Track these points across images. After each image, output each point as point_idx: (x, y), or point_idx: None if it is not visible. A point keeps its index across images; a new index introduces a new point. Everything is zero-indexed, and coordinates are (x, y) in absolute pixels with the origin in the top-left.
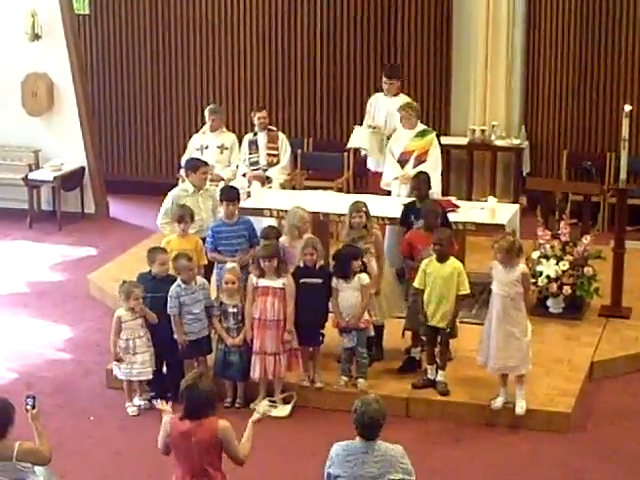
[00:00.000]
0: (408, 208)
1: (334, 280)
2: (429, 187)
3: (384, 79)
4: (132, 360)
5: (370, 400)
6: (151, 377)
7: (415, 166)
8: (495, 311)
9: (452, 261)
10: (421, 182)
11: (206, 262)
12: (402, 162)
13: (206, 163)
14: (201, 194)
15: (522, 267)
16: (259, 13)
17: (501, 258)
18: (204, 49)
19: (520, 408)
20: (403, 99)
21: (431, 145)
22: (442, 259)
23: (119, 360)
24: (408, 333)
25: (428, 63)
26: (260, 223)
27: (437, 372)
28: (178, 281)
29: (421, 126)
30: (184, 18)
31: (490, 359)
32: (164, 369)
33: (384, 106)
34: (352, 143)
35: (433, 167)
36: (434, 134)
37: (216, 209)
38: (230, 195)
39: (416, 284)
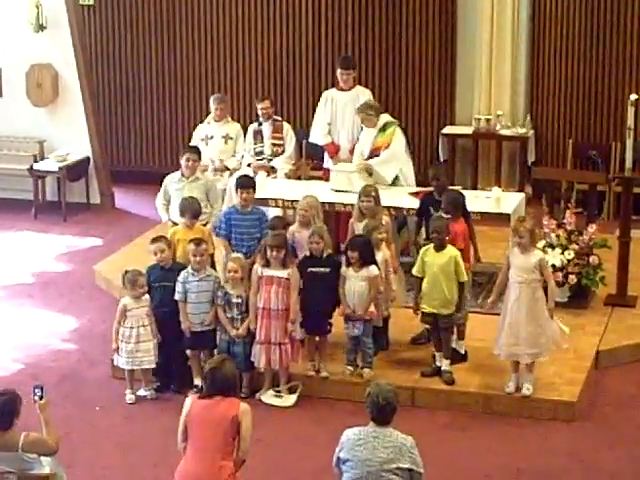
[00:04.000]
0: (426, 199)
1: (343, 268)
2: (447, 178)
3: (340, 71)
4: (136, 348)
5: (384, 384)
6: (154, 366)
7: None
8: (513, 298)
9: (449, 249)
10: (440, 173)
11: (213, 251)
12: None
13: (197, 150)
14: (190, 181)
15: (539, 253)
16: (264, 2)
17: (524, 240)
18: (208, 38)
19: (527, 390)
20: (359, 92)
21: (392, 138)
22: (440, 248)
23: (116, 349)
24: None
25: (433, 52)
26: (267, 213)
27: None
28: (188, 267)
29: (383, 119)
30: (188, 8)
31: (504, 345)
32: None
33: (341, 101)
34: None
35: (387, 157)
36: (394, 126)
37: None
38: (243, 183)
39: (415, 272)
